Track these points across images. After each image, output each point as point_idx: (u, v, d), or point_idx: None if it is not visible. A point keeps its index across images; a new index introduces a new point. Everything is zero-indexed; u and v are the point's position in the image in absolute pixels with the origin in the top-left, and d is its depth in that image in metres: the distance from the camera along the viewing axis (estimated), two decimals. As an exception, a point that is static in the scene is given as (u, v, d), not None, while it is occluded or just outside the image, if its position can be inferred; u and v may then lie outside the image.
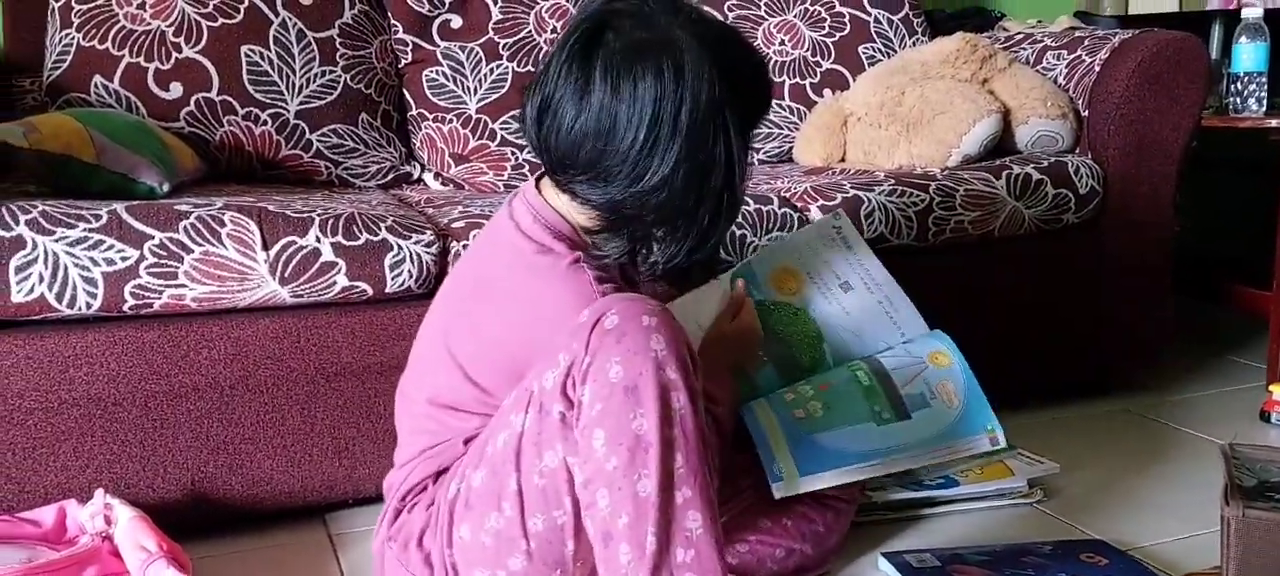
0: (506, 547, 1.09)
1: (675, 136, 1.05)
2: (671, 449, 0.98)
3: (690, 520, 0.99)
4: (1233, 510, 1.10)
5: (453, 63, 2.14)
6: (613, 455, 0.98)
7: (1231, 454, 1.23)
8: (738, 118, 1.09)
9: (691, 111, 1.05)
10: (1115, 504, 1.59)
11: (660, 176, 1.06)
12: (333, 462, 1.53)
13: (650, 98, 1.04)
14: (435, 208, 1.72)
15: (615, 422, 0.98)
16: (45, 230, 1.35)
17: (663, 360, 0.98)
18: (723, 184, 1.09)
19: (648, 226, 1.12)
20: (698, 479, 0.99)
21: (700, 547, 0.99)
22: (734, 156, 1.09)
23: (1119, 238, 2.00)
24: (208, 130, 1.92)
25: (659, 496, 0.97)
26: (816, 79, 2.33)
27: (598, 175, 1.08)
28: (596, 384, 0.99)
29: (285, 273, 1.45)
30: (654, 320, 1.00)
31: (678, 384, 0.99)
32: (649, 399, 0.98)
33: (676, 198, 1.08)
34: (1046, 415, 1.98)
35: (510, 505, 1.07)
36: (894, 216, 1.80)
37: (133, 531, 1.29)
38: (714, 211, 1.10)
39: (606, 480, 0.99)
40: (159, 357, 1.42)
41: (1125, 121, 1.96)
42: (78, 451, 1.41)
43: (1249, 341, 2.45)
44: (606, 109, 1.05)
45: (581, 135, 1.07)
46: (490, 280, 1.18)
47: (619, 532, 0.99)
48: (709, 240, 1.12)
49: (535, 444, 1.05)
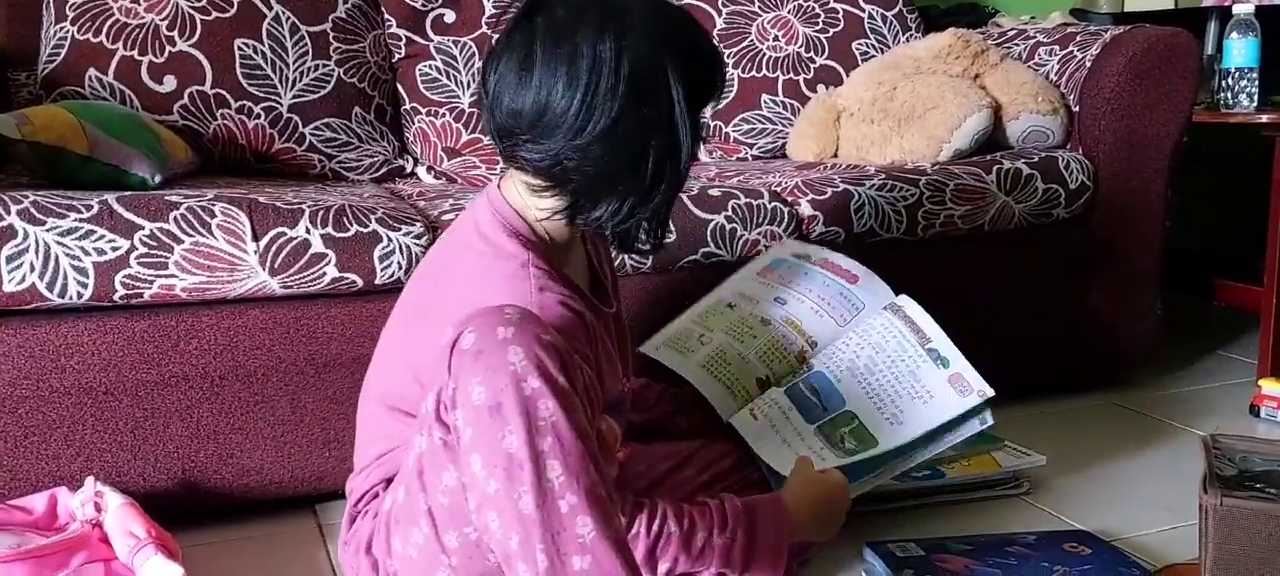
0: (431, 562, 1.08)
1: (617, 89, 1.05)
2: (544, 460, 0.95)
3: (580, 525, 0.96)
4: (1211, 498, 1.10)
5: (446, 57, 2.15)
6: (491, 478, 0.96)
7: (1212, 444, 1.24)
8: (683, 88, 1.09)
9: (634, 66, 1.06)
10: (1101, 496, 1.60)
11: (601, 128, 1.06)
12: (322, 453, 1.53)
13: (591, 50, 1.05)
14: (427, 200, 1.73)
15: (487, 445, 0.96)
16: (36, 220, 1.36)
17: (522, 372, 0.95)
18: (666, 145, 1.09)
19: (588, 181, 1.10)
20: (580, 482, 0.96)
21: (595, 551, 0.96)
22: (678, 120, 1.09)
23: (1109, 232, 2.00)
24: (201, 123, 1.93)
25: (539, 512, 0.95)
26: (810, 75, 2.34)
27: (540, 132, 1.08)
28: (464, 408, 0.97)
29: (275, 264, 1.45)
30: (510, 331, 0.97)
31: (542, 392, 0.96)
32: (513, 415, 0.95)
33: (618, 153, 1.08)
34: (1035, 409, 1.99)
35: (425, 522, 1.06)
36: (884, 211, 1.81)
37: (122, 518, 1.29)
38: (656, 173, 1.10)
39: (492, 503, 0.97)
40: (150, 347, 1.43)
41: (1116, 117, 1.97)
42: (69, 439, 1.42)
43: (1239, 337, 2.46)
44: (548, 64, 1.06)
45: (525, 92, 1.07)
46: (443, 280, 1.19)
47: (514, 552, 0.96)
48: (650, 201, 1.12)
49: (433, 466, 1.04)
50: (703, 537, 1.19)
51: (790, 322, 1.51)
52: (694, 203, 1.70)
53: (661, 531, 1.17)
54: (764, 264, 1.62)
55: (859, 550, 1.37)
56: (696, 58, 1.12)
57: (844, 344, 1.48)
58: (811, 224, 1.77)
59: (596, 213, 1.13)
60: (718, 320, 1.55)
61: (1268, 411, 1.93)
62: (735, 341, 1.51)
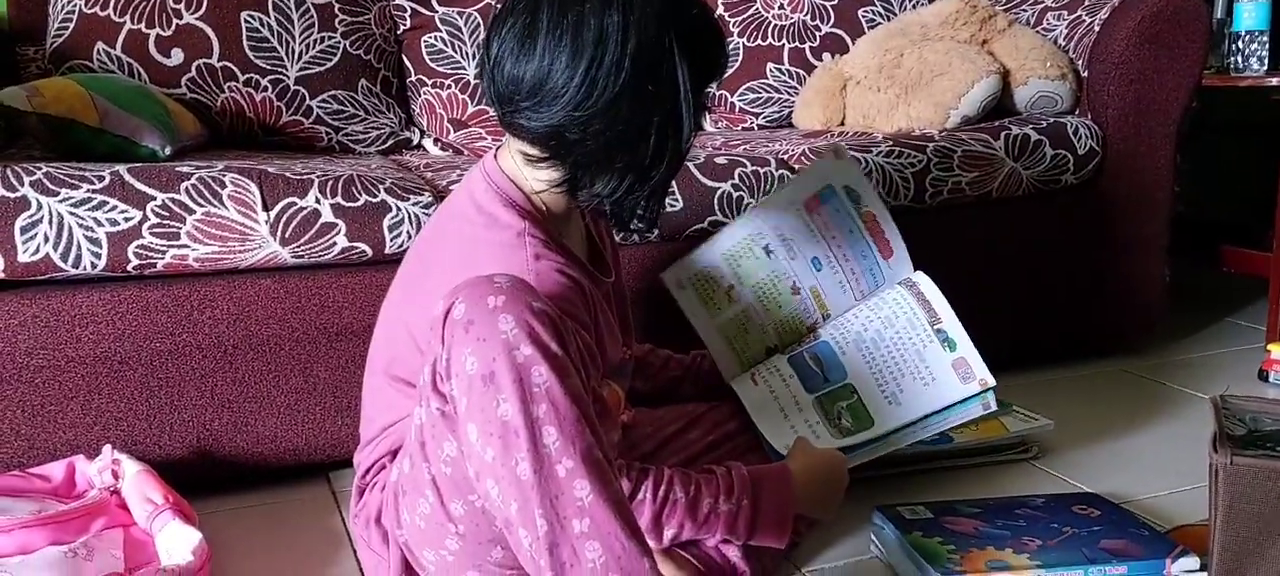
0: (439, 531, 1.09)
1: (621, 64, 1.05)
2: (539, 426, 0.95)
3: (578, 489, 0.95)
4: (1221, 458, 1.10)
5: (451, 28, 2.15)
6: (487, 446, 0.96)
7: (1222, 404, 1.24)
8: (688, 65, 1.08)
9: (640, 42, 1.05)
10: (1110, 460, 1.61)
11: (603, 102, 1.05)
12: (335, 421, 1.55)
13: (598, 22, 1.05)
14: (434, 171, 1.74)
15: (482, 414, 0.96)
16: (49, 191, 1.37)
17: (514, 340, 0.95)
18: (668, 123, 1.09)
19: (588, 155, 1.09)
20: (576, 446, 0.96)
21: (594, 514, 0.95)
22: (681, 99, 1.08)
23: (1118, 198, 2.00)
24: (209, 96, 1.93)
25: (535, 477, 0.95)
26: (816, 43, 2.33)
27: (542, 99, 1.07)
28: (458, 378, 0.97)
29: (286, 233, 1.46)
30: (500, 299, 0.97)
31: (534, 359, 0.95)
32: (506, 383, 0.95)
33: (618, 129, 1.07)
34: (1044, 376, 1.99)
35: (431, 492, 1.07)
36: (892, 177, 1.81)
37: (139, 484, 1.31)
38: (656, 151, 1.09)
39: (490, 472, 0.97)
40: (163, 316, 1.44)
41: (1125, 81, 1.97)
42: (85, 408, 1.43)
43: (1249, 303, 2.46)
44: (552, 33, 1.06)
45: (527, 60, 1.07)
46: (439, 249, 1.19)
47: (514, 519, 0.97)
48: (649, 179, 1.11)
49: (433, 436, 1.04)
50: (708, 505, 1.19)
51: (815, 294, 1.50)
52: (700, 171, 1.70)
53: (667, 497, 1.17)
54: (813, 189, 1.51)
55: (868, 514, 1.38)
56: (702, 35, 1.12)
57: (854, 315, 1.48)
58: (820, 191, 1.77)
59: (595, 188, 1.12)
60: (751, 271, 1.49)
61: (1276, 376, 1.93)
62: (759, 307, 1.49)
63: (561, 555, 0.95)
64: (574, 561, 0.95)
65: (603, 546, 0.96)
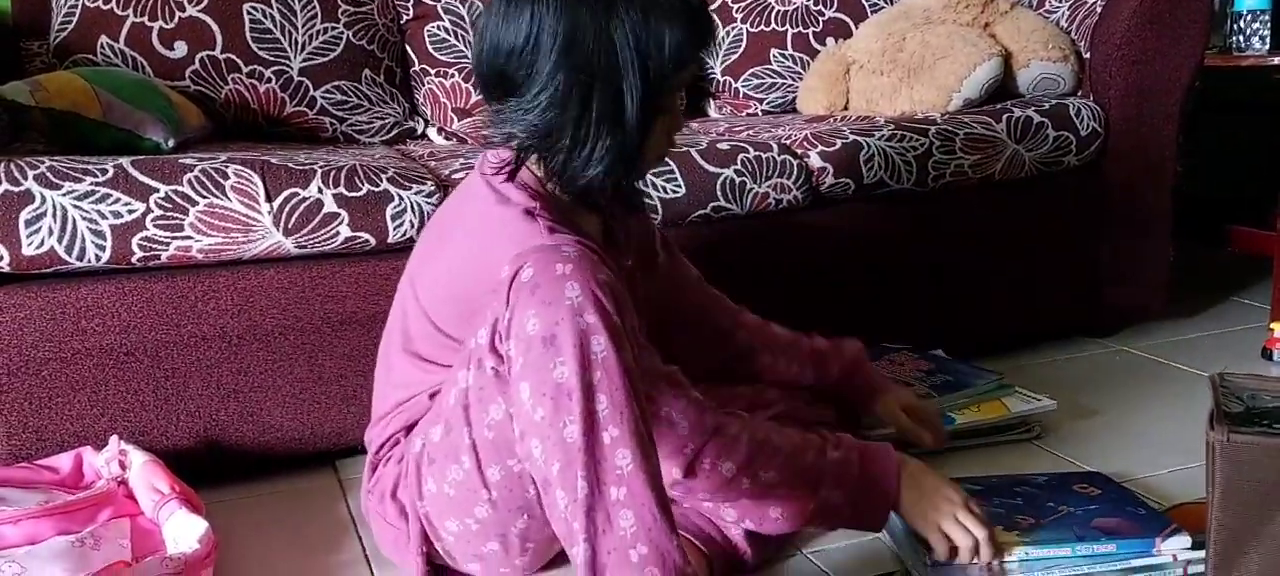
0: (470, 497, 1.12)
1: (553, 45, 1.07)
2: (594, 392, 0.98)
3: (619, 458, 0.99)
4: (1218, 435, 1.11)
5: (454, 17, 2.15)
6: (538, 405, 0.99)
7: (1220, 382, 1.24)
8: (643, 45, 1.08)
9: (571, 22, 1.07)
10: (1113, 439, 1.61)
11: (538, 85, 1.08)
12: (341, 410, 1.56)
13: (531, 5, 1.08)
14: (438, 161, 1.74)
15: (538, 374, 0.99)
16: (53, 184, 1.38)
17: (579, 306, 0.99)
18: (608, 104, 1.08)
19: (535, 135, 1.11)
20: (624, 417, 0.99)
21: (631, 483, 0.99)
22: (622, 77, 1.08)
23: (1120, 179, 2.00)
24: (213, 88, 1.94)
25: (584, 440, 0.98)
26: (819, 28, 2.33)
27: (504, 91, 1.11)
28: (518, 338, 1.00)
29: (289, 224, 1.47)
30: (568, 267, 1.00)
31: (596, 327, 0.99)
32: (568, 347, 0.98)
33: (555, 109, 1.09)
34: (1047, 356, 1.99)
35: (468, 458, 1.10)
36: (894, 161, 1.81)
37: (146, 475, 1.32)
38: (596, 132, 1.09)
39: (536, 430, 1.00)
40: (168, 308, 1.46)
41: (1127, 62, 1.96)
42: (92, 400, 1.45)
43: (1252, 282, 2.45)
44: (497, 25, 1.10)
45: (487, 48, 1.12)
46: (452, 225, 1.21)
47: (554, 479, 1.00)
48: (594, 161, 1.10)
49: (479, 399, 1.07)
50: (815, 454, 1.16)
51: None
52: (703, 156, 1.70)
53: (766, 442, 1.14)
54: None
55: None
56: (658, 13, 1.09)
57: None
58: (821, 176, 1.77)
59: (551, 166, 1.13)
60: None
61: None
62: None
63: (596, 519, 0.99)
64: (607, 527, 0.99)
65: (636, 516, 0.99)
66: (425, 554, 1.19)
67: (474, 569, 1.21)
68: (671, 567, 1.00)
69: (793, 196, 1.75)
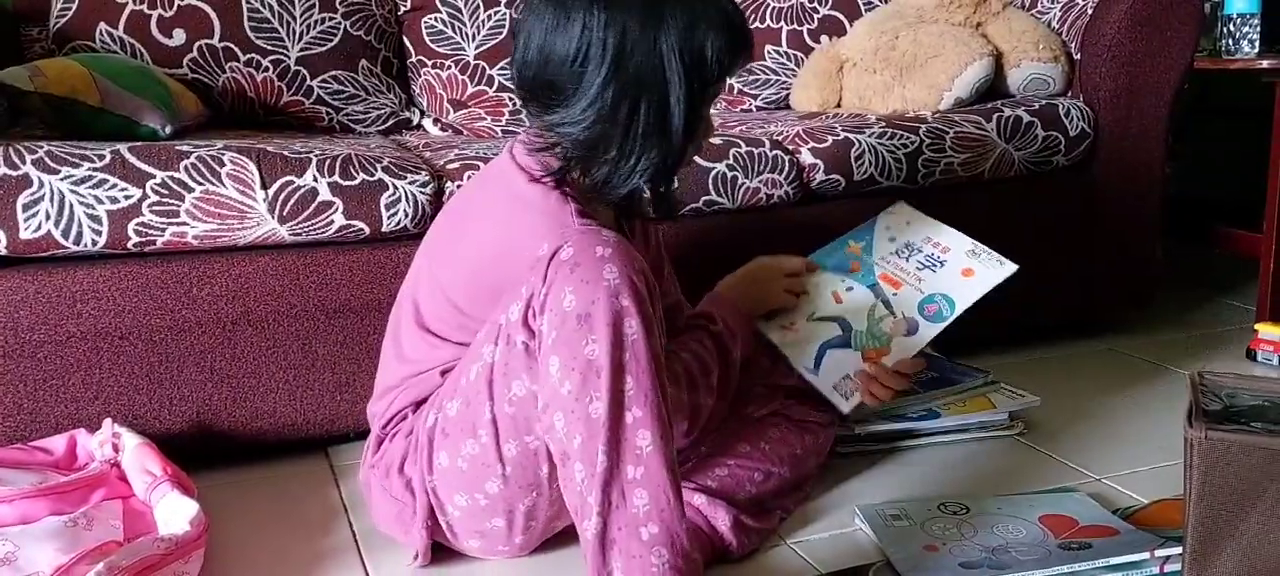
0: (483, 472, 1.14)
1: (603, 58, 1.09)
2: (622, 372, 1.02)
3: (640, 438, 1.02)
4: (1195, 432, 1.12)
5: (451, 9, 2.17)
6: (566, 380, 1.02)
7: (1199, 381, 1.26)
8: (690, 56, 1.10)
9: (620, 35, 1.08)
10: (1096, 436, 1.63)
11: (588, 98, 1.10)
12: (333, 396, 1.57)
13: (582, 17, 1.09)
14: (433, 151, 1.76)
15: (569, 349, 1.02)
16: (50, 169, 1.40)
17: (616, 288, 1.02)
18: (655, 116, 1.11)
19: (575, 142, 1.13)
20: (648, 399, 1.03)
21: (649, 464, 1.02)
22: (669, 90, 1.10)
23: (1110, 179, 2.02)
24: (210, 76, 1.96)
25: (608, 417, 1.01)
26: (814, 25, 2.35)
27: (550, 100, 1.13)
28: (552, 313, 1.03)
29: (284, 211, 1.49)
30: (608, 250, 1.03)
31: (630, 311, 1.02)
32: (601, 326, 1.01)
33: (604, 122, 1.10)
34: (1034, 354, 2.01)
35: (485, 432, 1.12)
36: (884, 159, 1.82)
37: (139, 457, 1.34)
38: (643, 144, 1.12)
39: (561, 403, 1.03)
40: (163, 293, 1.47)
41: (1117, 64, 1.98)
42: (86, 383, 1.46)
43: (1239, 283, 2.48)
44: (546, 34, 1.11)
45: (533, 56, 1.12)
46: (478, 204, 1.23)
47: (574, 452, 1.03)
48: (639, 171, 1.13)
49: (504, 374, 1.09)
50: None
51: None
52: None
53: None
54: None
55: (852, 498, 1.40)
56: (713, 26, 1.12)
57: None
58: (812, 172, 1.79)
59: (588, 179, 1.16)
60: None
61: (1264, 355, 1.95)
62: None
63: (611, 494, 1.02)
64: (621, 503, 1.02)
65: (651, 496, 1.02)
66: (429, 528, 1.21)
67: (472, 545, 1.23)
68: (680, 551, 1.03)
69: (783, 192, 1.77)
